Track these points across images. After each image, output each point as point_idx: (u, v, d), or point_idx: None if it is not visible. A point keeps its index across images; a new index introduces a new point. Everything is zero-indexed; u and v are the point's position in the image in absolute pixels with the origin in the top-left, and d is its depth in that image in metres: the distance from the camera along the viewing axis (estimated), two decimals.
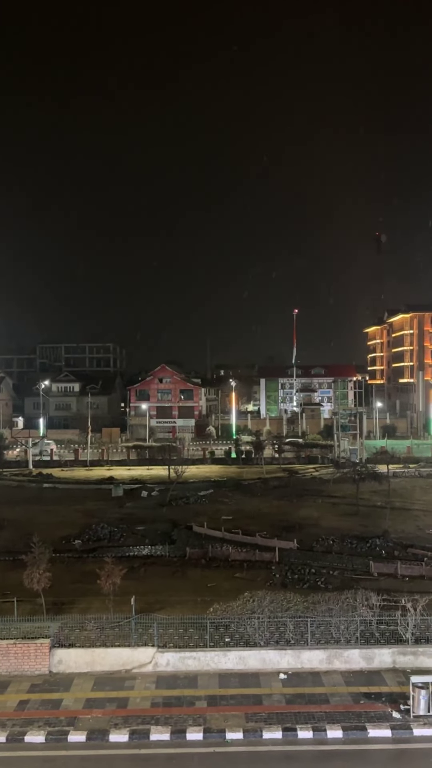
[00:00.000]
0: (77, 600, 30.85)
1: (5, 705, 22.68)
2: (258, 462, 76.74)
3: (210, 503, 56.04)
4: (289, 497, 57.18)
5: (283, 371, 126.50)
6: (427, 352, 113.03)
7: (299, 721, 21.49)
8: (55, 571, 30.04)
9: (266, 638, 25.34)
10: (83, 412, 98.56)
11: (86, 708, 22.45)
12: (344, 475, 61.91)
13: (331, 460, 78.58)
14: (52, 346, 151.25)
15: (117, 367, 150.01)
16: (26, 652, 24.65)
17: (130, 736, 21.01)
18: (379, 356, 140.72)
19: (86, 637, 25.64)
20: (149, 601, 29.70)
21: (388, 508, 49.65)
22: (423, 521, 47.67)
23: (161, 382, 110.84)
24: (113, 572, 27.83)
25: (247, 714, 21.95)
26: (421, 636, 25.36)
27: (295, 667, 24.77)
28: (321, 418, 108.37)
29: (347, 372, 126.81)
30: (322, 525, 46.47)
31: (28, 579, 28.00)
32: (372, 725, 21.31)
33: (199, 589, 32.59)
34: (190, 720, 21.65)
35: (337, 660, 24.89)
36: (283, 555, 38.23)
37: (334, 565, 36.68)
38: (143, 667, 24.77)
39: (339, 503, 54.84)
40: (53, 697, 23.16)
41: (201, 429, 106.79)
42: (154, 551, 40.25)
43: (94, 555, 39.00)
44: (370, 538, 41.28)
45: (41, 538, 30.10)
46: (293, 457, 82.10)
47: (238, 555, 38.59)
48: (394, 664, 24.80)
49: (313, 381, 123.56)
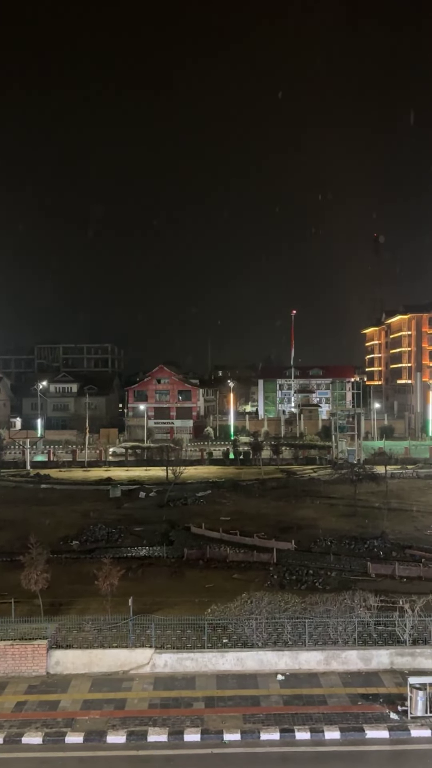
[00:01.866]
0: (75, 601, 30.82)
1: (2, 706, 22.64)
2: (256, 463, 76.78)
3: (208, 504, 56.07)
4: (287, 498, 57.22)
5: (281, 372, 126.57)
6: (425, 353, 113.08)
7: (297, 722, 21.49)
8: (53, 572, 29.95)
9: (264, 639, 25.34)
10: (81, 413, 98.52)
11: (84, 709, 22.43)
12: (342, 476, 61.97)
13: (329, 461, 78.66)
14: (50, 346, 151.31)
15: (115, 368, 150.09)
16: (23, 653, 24.62)
17: (127, 738, 20.99)
18: (377, 357, 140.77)
19: (84, 638, 25.62)
20: (147, 602, 29.68)
21: (385, 509, 49.69)
22: (421, 522, 47.71)
23: (159, 383, 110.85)
24: (111, 573, 27.81)
25: (244, 715, 21.94)
26: (419, 637, 25.37)
27: (293, 668, 24.76)
28: (319, 419, 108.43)
29: (345, 373, 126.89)
30: (320, 526, 46.48)
31: (26, 580, 27.98)
32: (369, 726, 21.30)
33: (197, 590, 32.58)
34: (188, 721, 21.64)
35: (335, 661, 24.89)
36: (281, 556, 38.25)
37: (332, 566, 36.70)
38: (141, 668, 24.75)
39: (337, 504, 54.87)
40: (50, 698, 23.13)
41: (199, 430, 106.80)
42: (152, 552, 40.26)
43: (91, 556, 38.98)
44: (367, 539, 41.31)
45: (39, 539, 30.05)
46: (291, 457, 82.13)
47: (236, 556, 38.60)
48: (392, 665, 24.80)
49: (311, 382, 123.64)
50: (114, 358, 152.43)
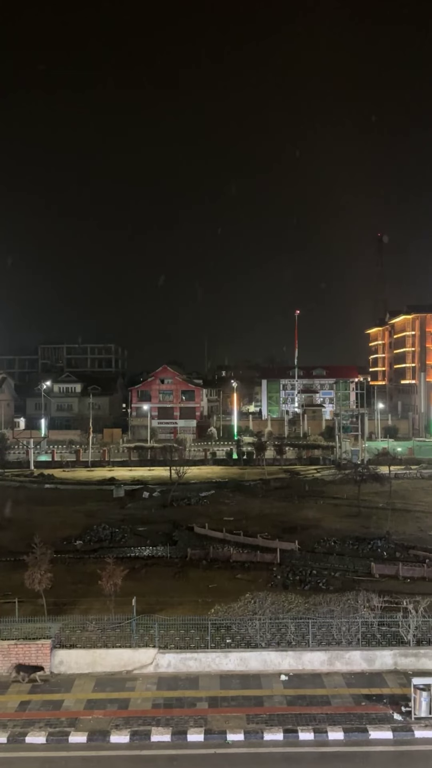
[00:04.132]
0: (78, 601, 30.85)
1: (6, 706, 22.68)
2: (259, 463, 76.67)
3: (211, 504, 56.04)
4: (291, 498, 57.13)
5: (285, 372, 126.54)
6: (429, 353, 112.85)
7: (300, 722, 21.46)
8: (57, 572, 30.02)
9: (267, 639, 25.31)
10: (85, 413, 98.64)
11: (87, 709, 22.44)
12: (346, 477, 61.83)
13: (333, 461, 78.54)
14: (53, 346, 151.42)
15: (118, 368, 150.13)
16: (27, 652, 24.64)
17: (131, 737, 20.99)
18: (380, 357, 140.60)
19: (87, 637, 25.63)
20: (150, 602, 29.68)
21: (389, 510, 49.60)
22: (425, 522, 47.61)
23: (163, 383, 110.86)
24: (114, 573, 27.82)
25: (248, 715, 21.92)
26: (423, 638, 25.31)
27: (297, 668, 24.73)
28: (322, 419, 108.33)
29: (349, 373, 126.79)
30: (323, 526, 46.44)
31: (30, 580, 28.00)
32: (373, 727, 21.26)
33: (201, 590, 32.58)
34: (191, 721, 21.63)
35: (339, 661, 24.85)
36: (284, 556, 38.21)
37: (336, 566, 36.65)
38: (144, 668, 24.75)
39: (340, 504, 54.82)
40: (54, 698, 23.15)
41: (202, 430, 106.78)
42: (156, 552, 40.25)
43: (95, 556, 39.01)
44: (371, 539, 41.24)
45: (42, 539, 30.07)
46: (295, 458, 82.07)
47: (240, 556, 38.57)
48: (396, 665, 24.76)
49: (314, 382, 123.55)
50: (117, 359, 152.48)
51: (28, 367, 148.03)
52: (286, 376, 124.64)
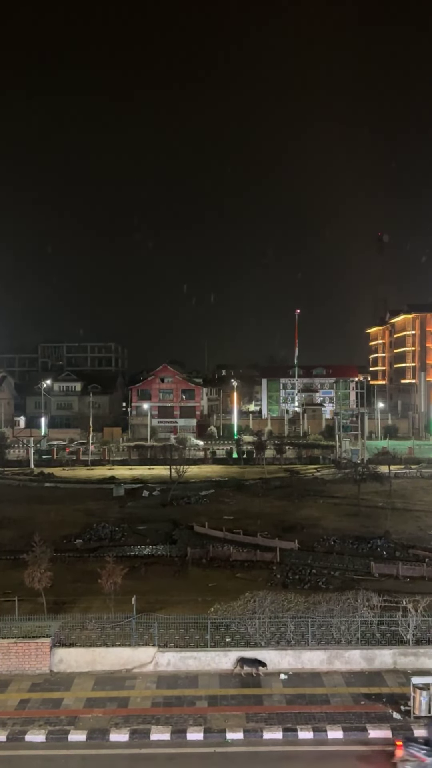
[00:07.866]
0: (78, 599, 30.87)
1: (6, 704, 22.70)
2: (259, 462, 76.68)
3: (211, 503, 56.05)
4: (291, 497, 57.14)
5: (285, 371, 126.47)
6: (429, 352, 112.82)
7: (300, 721, 21.48)
8: (56, 571, 30.04)
9: (267, 638, 25.34)
10: (85, 412, 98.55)
11: (87, 707, 22.46)
12: (346, 476, 61.89)
13: (333, 460, 78.51)
14: (53, 345, 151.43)
15: (118, 367, 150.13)
16: (27, 651, 24.67)
17: (130, 736, 21.02)
18: (381, 357, 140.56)
19: (87, 636, 25.65)
20: (150, 600, 29.71)
21: (389, 509, 49.61)
22: (424, 522, 47.60)
23: (163, 382, 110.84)
24: (114, 572, 27.85)
25: (247, 714, 21.94)
26: (422, 637, 25.34)
27: (296, 667, 24.76)
28: (323, 418, 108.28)
29: (349, 372, 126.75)
30: (323, 525, 46.45)
31: (29, 578, 28.03)
32: (372, 726, 21.29)
33: (200, 589, 32.60)
34: (191, 720, 21.65)
35: (338, 661, 24.88)
36: (284, 555, 38.24)
37: (335, 565, 36.68)
38: (144, 666, 24.78)
39: (340, 504, 54.82)
40: (54, 696, 23.17)
41: (202, 429, 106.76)
42: (155, 551, 40.29)
43: (95, 554, 39.04)
44: (371, 538, 41.26)
45: (42, 538, 30.13)
46: (295, 457, 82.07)
47: (239, 555, 38.59)
48: (395, 665, 24.78)
49: (314, 381, 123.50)
50: (117, 357, 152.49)
51: (28, 365, 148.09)
52: (286, 375, 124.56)
